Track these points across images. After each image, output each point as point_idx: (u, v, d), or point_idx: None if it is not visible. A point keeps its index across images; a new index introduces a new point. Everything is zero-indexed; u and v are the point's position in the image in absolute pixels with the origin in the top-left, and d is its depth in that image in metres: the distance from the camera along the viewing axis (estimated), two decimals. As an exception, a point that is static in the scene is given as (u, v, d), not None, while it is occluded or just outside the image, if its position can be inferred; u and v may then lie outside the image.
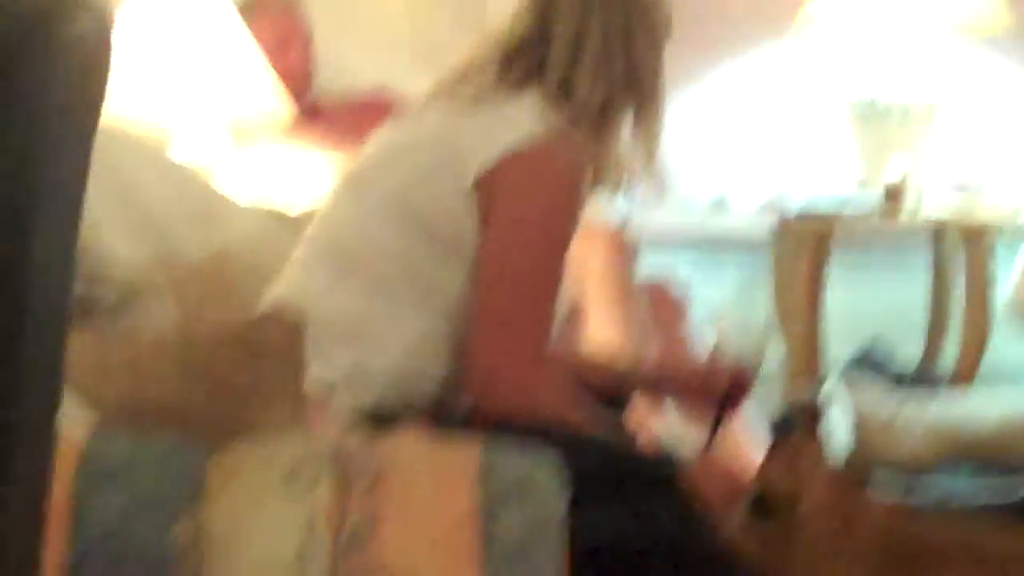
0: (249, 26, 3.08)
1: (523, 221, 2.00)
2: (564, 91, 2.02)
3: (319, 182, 2.70)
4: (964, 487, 2.93)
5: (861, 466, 3.34)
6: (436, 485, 1.51)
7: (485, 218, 1.98)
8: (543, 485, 1.52)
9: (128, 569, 1.44)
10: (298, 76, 3.24)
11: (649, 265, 3.02)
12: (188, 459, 1.50)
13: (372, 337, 2.02)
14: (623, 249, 2.80)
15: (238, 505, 1.47)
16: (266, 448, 1.54)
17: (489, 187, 1.98)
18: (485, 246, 1.99)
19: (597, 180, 2.11)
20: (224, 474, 1.49)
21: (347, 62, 3.41)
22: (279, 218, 2.30)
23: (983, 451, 3.36)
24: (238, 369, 1.61)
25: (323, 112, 3.30)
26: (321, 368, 1.80)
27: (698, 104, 3.77)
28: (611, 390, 2.18)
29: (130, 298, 1.88)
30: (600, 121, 2.04)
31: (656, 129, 2.12)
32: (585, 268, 2.64)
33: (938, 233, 3.65)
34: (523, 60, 2.06)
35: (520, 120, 1.99)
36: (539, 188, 2.00)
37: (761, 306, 3.46)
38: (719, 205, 3.60)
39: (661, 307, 2.82)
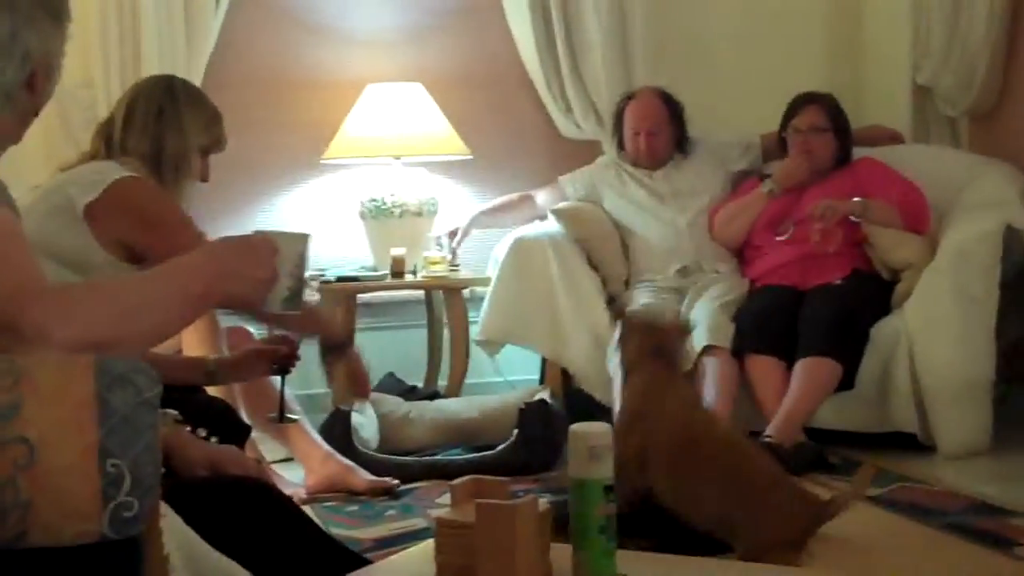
0: None
1: (157, 219, 2.21)
2: (123, 152, 2.30)
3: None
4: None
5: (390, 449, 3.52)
6: (64, 379, 1.54)
7: (103, 234, 2.15)
8: (141, 376, 1.59)
9: None
10: None
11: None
12: None
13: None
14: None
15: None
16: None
17: (100, 211, 2.15)
18: (153, 245, 2.16)
19: None
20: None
21: None
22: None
23: (467, 435, 3.68)
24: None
25: None
26: None
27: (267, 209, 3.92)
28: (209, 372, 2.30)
29: None
30: (158, 174, 2.32)
31: (184, 183, 2.39)
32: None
33: (429, 293, 3.84)
34: (99, 140, 2.36)
35: (111, 169, 2.23)
36: (144, 198, 2.24)
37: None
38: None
39: (234, 338, 2.99)
